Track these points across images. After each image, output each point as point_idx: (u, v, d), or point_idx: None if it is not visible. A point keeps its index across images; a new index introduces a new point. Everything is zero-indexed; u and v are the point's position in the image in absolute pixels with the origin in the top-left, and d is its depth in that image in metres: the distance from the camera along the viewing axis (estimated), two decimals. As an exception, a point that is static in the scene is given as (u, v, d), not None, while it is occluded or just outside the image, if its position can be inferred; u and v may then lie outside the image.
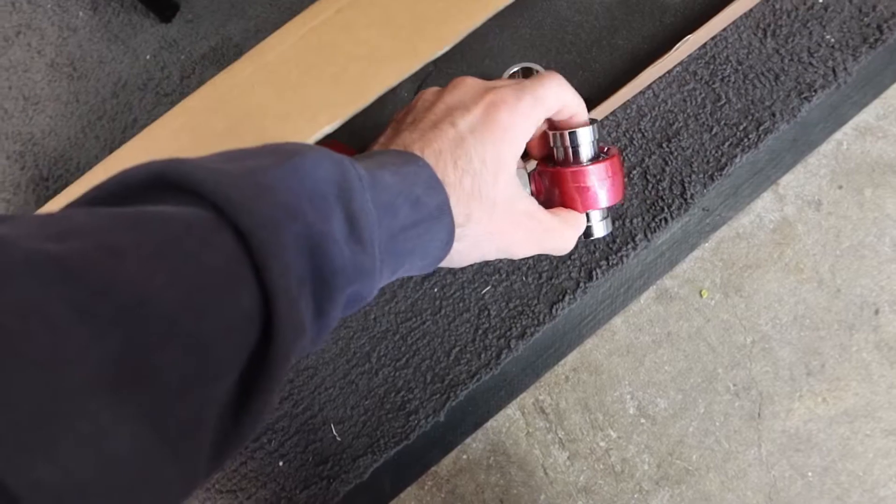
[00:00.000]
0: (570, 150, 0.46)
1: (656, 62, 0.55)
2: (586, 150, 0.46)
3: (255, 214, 0.27)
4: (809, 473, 0.53)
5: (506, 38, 0.63)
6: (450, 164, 0.38)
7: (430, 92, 0.43)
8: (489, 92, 0.41)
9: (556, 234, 0.44)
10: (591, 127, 0.45)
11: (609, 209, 0.47)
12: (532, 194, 0.48)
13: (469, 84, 0.42)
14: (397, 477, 0.61)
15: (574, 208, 0.46)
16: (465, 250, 0.40)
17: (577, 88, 0.60)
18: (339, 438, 0.60)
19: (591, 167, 0.45)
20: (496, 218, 0.40)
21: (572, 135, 0.45)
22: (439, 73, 0.63)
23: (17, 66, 0.68)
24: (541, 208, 0.44)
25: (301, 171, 0.31)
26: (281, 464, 0.61)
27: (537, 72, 0.54)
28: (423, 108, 0.42)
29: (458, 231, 0.38)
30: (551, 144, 0.47)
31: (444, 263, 0.41)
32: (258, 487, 0.61)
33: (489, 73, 0.61)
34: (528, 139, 0.42)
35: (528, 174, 0.48)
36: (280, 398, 0.62)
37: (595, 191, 0.45)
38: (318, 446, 0.60)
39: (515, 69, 0.54)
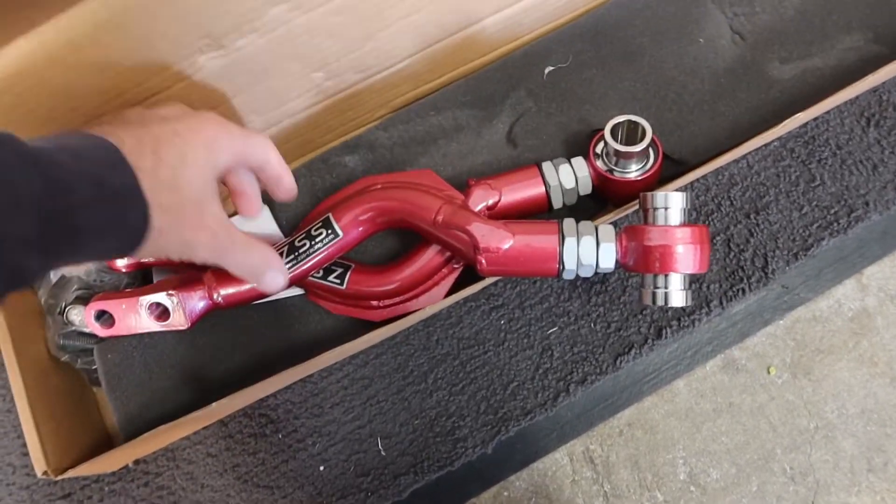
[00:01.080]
0: (661, 211, 0.47)
1: (760, 135, 0.55)
2: (676, 215, 0.47)
3: None
4: (857, 572, 0.52)
5: (609, 86, 0.64)
6: (148, 151, 0.40)
7: (140, 107, 0.47)
8: (205, 112, 0.45)
9: (242, 250, 0.47)
10: (684, 193, 0.47)
11: (689, 280, 0.48)
12: (616, 253, 0.49)
13: (184, 106, 0.46)
14: (435, 502, 0.60)
15: (651, 269, 0.47)
16: (156, 234, 0.41)
17: (672, 147, 0.60)
18: (383, 453, 0.60)
19: (679, 228, 0.46)
20: (187, 212, 0.42)
21: (666, 196, 0.46)
22: (539, 110, 0.63)
23: None
24: (234, 225, 0.46)
25: None
26: (322, 468, 0.61)
27: (643, 128, 0.54)
28: (135, 113, 0.45)
29: (150, 213, 0.40)
30: (645, 206, 0.48)
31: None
32: (295, 488, 0.61)
33: (588, 118, 0.62)
34: (227, 162, 0.45)
35: (616, 232, 0.49)
36: (330, 404, 0.62)
37: (678, 253, 0.46)
38: (361, 457, 0.61)
39: (621, 120, 0.55)
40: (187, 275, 0.59)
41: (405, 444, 0.60)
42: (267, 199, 0.66)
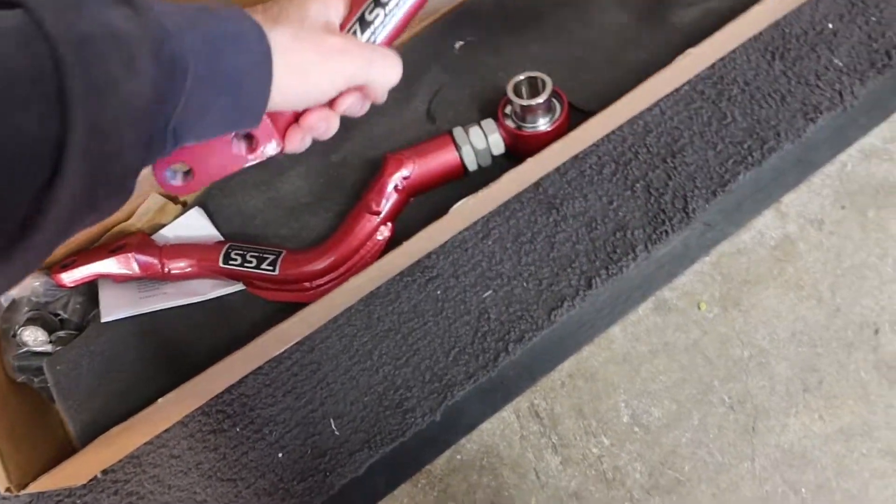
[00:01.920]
0: None
1: (659, 72, 0.56)
2: None
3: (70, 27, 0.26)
4: (803, 490, 0.53)
5: (518, 52, 0.65)
6: (259, 7, 0.40)
7: None
8: None
9: (386, 57, 0.44)
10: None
11: None
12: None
13: None
14: (392, 473, 0.61)
15: None
16: (285, 48, 0.38)
17: (586, 102, 0.62)
18: (337, 433, 0.61)
19: None
20: (309, 25, 0.40)
21: None
22: (454, 84, 0.65)
23: None
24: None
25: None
26: (280, 455, 0.62)
27: (543, 81, 0.55)
28: None
29: (270, 31, 0.37)
30: None
31: (282, 90, 0.38)
32: (257, 477, 0.62)
33: (502, 85, 0.63)
34: (340, 15, 0.44)
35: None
36: (283, 392, 0.63)
37: None
38: (316, 440, 0.62)
39: (521, 78, 0.56)
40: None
41: (357, 421, 0.61)
42: (199, 199, 0.68)
